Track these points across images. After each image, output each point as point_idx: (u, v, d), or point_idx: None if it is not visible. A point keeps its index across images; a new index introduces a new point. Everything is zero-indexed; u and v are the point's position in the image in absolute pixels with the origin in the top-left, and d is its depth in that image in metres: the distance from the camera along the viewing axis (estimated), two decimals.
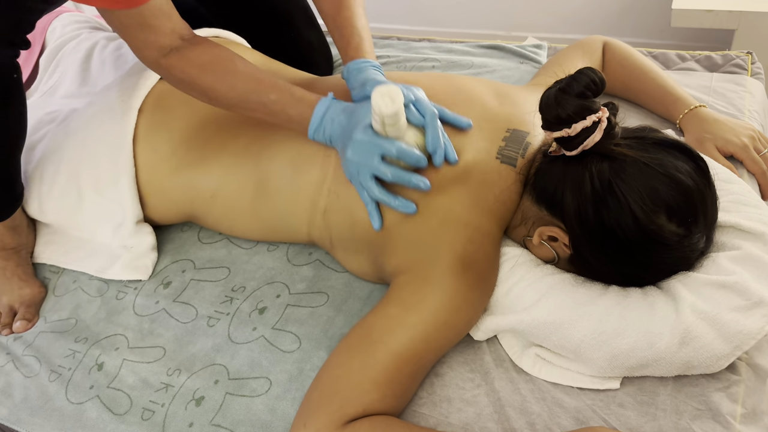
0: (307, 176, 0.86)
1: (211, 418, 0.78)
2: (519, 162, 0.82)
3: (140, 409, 0.81)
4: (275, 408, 0.77)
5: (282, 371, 0.81)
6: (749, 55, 1.19)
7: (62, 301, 0.97)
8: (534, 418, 0.73)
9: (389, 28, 2.36)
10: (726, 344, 0.70)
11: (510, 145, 0.83)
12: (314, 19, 1.25)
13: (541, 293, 0.76)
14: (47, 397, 0.85)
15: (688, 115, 1.00)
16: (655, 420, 0.71)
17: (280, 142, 0.89)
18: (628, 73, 1.07)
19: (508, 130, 0.84)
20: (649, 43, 2.06)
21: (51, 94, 1.20)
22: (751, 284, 0.72)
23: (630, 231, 0.70)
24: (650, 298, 0.74)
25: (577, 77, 0.71)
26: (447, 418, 0.74)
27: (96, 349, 0.89)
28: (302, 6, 1.22)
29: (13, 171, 0.93)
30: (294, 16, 1.20)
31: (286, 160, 0.88)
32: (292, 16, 1.19)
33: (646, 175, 0.70)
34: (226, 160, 0.92)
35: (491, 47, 1.33)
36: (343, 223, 0.85)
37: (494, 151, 0.82)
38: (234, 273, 0.94)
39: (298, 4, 1.21)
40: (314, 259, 0.94)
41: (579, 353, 0.73)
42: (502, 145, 0.83)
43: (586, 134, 0.71)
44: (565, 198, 0.74)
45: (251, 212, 0.92)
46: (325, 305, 0.88)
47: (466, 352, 0.80)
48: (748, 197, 0.83)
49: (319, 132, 0.81)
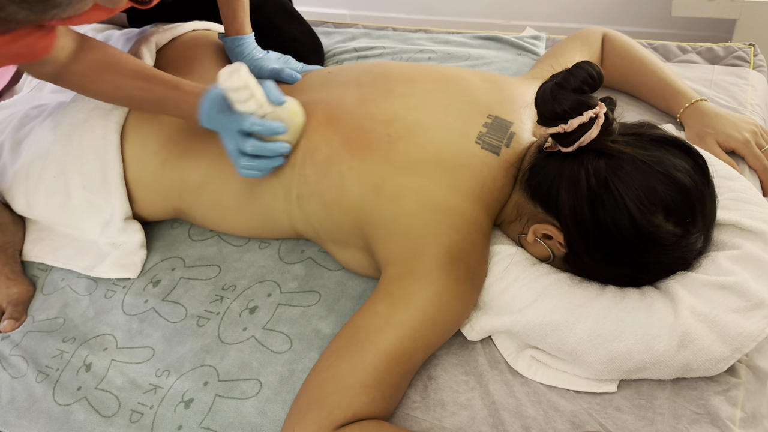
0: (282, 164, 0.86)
1: (201, 420, 0.77)
2: (504, 151, 0.81)
3: (128, 411, 0.80)
4: (265, 411, 0.76)
5: (272, 372, 0.80)
6: (751, 47, 1.17)
7: (50, 299, 0.95)
8: (529, 421, 0.71)
9: (385, 16, 2.33)
10: (725, 346, 0.69)
11: (492, 132, 0.82)
12: (293, 12, 1.24)
13: (536, 294, 0.75)
14: (34, 399, 0.83)
15: (688, 109, 0.98)
16: (652, 424, 0.69)
17: None
18: (628, 66, 1.05)
19: (489, 116, 0.83)
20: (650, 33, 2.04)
21: (39, 89, 1.18)
22: (752, 285, 0.70)
23: (626, 230, 0.69)
24: (648, 299, 0.72)
25: (574, 71, 0.69)
26: (441, 422, 0.73)
27: (84, 349, 0.87)
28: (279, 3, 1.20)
29: None
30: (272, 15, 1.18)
31: None
32: (270, 17, 1.18)
33: (644, 173, 0.68)
34: (214, 150, 0.90)
35: (488, 38, 1.30)
36: (318, 211, 0.84)
37: (473, 135, 0.81)
38: (224, 271, 0.93)
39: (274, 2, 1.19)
40: (306, 257, 0.92)
41: (575, 356, 0.72)
42: (483, 131, 0.82)
43: (582, 130, 0.69)
44: (560, 196, 0.72)
45: (236, 205, 0.90)
46: (316, 305, 0.86)
47: (460, 354, 0.79)
48: (748, 195, 0.81)
49: (209, 121, 0.83)
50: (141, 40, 1.05)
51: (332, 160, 0.82)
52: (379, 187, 0.78)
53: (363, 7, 2.36)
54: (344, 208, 0.81)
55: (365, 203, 0.79)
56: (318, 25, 1.44)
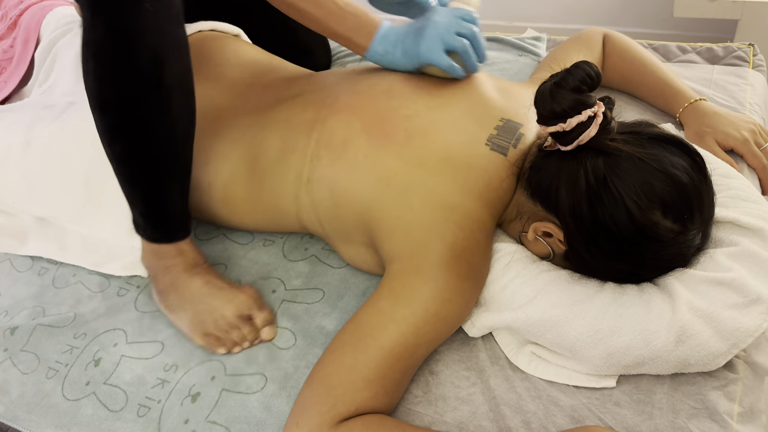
0: (294, 146, 0.86)
1: (207, 414, 0.78)
2: (511, 152, 0.82)
3: (136, 405, 0.81)
4: (270, 405, 0.77)
5: (277, 368, 0.81)
6: (751, 47, 1.18)
7: (62, 293, 0.96)
8: (529, 416, 0.73)
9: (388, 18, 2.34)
10: (723, 342, 0.69)
11: (501, 134, 0.83)
12: None
13: (536, 290, 0.76)
14: (43, 394, 0.85)
15: (687, 109, 0.99)
16: (651, 419, 0.70)
17: (272, 122, 0.89)
18: (628, 66, 1.06)
19: (501, 119, 0.85)
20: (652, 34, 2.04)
21: (50, 93, 1.19)
22: (749, 281, 0.71)
23: (624, 227, 0.70)
24: (646, 295, 0.73)
25: (573, 71, 0.70)
26: (442, 416, 0.74)
27: (95, 345, 0.88)
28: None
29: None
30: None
31: (277, 136, 0.88)
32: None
33: (642, 170, 0.69)
34: (222, 148, 0.91)
35: (490, 39, 1.31)
36: (325, 199, 0.84)
37: (483, 137, 0.82)
38: (230, 269, 0.94)
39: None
40: (310, 254, 0.94)
41: (575, 351, 0.73)
42: (493, 133, 0.83)
43: (581, 129, 0.70)
44: (560, 194, 0.73)
45: (245, 196, 0.91)
46: (320, 302, 0.87)
47: (461, 350, 0.80)
48: (746, 192, 0.82)
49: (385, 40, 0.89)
50: None
51: (349, 144, 0.82)
52: (390, 179, 0.79)
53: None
54: (352, 198, 0.81)
55: (374, 195, 0.80)
56: None
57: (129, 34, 0.71)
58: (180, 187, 0.83)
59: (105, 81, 0.74)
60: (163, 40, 0.73)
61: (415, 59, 0.89)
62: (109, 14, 0.70)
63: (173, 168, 0.81)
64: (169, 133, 0.78)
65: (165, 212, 0.83)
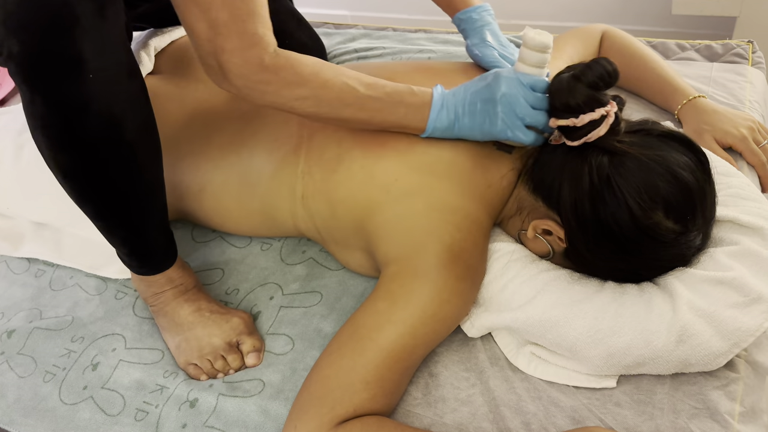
0: (282, 162, 0.85)
1: (205, 419, 0.78)
2: (516, 149, 0.81)
3: (134, 409, 0.80)
4: (268, 409, 0.77)
5: (275, 372, 0.80)
6: (750, 44, 1.18)
7: (60, 296, 0.96)
8: (529, 417, 0.72)
9: (385, 17, 2.34)
10: (724, 341, 0.69)
11: None
12: (302, 18, 1.24)
13: (536, 290, 0.75)
14: (40, 398, 0.84)
15: (686, 106, 0.98)
16: (652, 419, 0.70)
17: (258, 132, 0.88)
18: (627, 63, 1.05)
19: None
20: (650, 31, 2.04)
21: None
22: (750, 280, 0.71)
23: (626, 227, 0.69)
24: (647, 295, 0.73)
25: (592, 66, 0.69)
26: (442, 418, 0.74)
27: (93, 349, 0.88)
28: (289, 9, 1.21)
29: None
30: (285, 22, 1.18)
31: (264, 149, 0.87)
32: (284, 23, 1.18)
33: (646, 170, 0.69)
34: (213, 153, 0.91)
35: None
36: (322, 210, 0.83)
37: None
38: (228, 274, 0.94)
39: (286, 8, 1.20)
40: (308, 257, 0.93)
41: (575, 351, 0.72)
42: None
43: (591, 126, 0.70)
44: (563, 190, 0.73)
45: (238, 206, 0.91)
46: (318, 305, 0.87)
47: (460, 351, 0.79)
48: (747, 191, 0.82)
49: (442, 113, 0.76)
50: (139, 45, 1.05)
51: (343, 158, 0.81)
52: (390, 185, 0.78)
53: (363, 7, 2.37)
54: (350, 206, 0.81)
55: (372, 201, 0.79)
56: (319, 26, 1.45)
57: (74, 106, 0.65)
58: (158, 220, 0.81)
59: (60, 152, 0.69)
60: (114, 100, 0.67)
61: (488, 136, 0.77)
62: (48, 89, 0.64)
63: (148, 210, 0.79)
64: (138, 181, 0.75)
65: (148, 249, 0.82)
